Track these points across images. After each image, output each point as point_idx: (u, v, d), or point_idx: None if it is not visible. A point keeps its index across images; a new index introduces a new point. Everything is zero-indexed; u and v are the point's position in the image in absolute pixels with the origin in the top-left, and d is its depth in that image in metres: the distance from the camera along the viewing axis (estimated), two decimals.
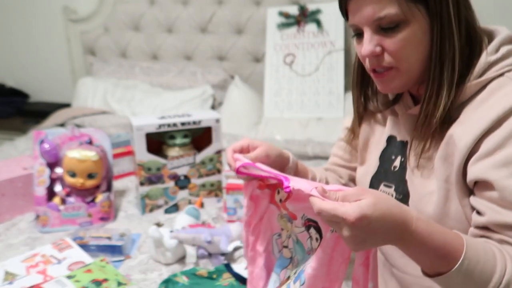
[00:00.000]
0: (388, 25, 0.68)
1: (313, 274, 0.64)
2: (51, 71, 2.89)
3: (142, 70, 2.54)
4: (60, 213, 1.30)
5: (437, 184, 0.70)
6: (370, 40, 0.70)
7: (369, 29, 0.70)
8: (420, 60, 0.70)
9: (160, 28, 2.55)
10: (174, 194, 1.41)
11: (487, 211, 0.64)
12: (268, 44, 2.30)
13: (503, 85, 0.66)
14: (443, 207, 0.70)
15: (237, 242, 1.15)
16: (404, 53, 0.69)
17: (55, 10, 2.70)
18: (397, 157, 0.81)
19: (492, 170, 0.63)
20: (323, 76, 2.22)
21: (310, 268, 0.65)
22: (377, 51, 0.70)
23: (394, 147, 0.82)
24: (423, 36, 0.68)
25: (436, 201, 0.70)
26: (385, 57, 0.70)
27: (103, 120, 2.15)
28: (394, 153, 0.82)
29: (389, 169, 0.82)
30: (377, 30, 0.69)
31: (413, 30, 0.67)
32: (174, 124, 1.36)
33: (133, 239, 1.24)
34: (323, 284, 0.65)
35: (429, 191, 0.72)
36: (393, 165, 0.81)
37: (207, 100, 2.34)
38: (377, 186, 0.83)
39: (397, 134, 0.82)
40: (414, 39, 0.68)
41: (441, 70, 0.68)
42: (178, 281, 1.01)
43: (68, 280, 0.99)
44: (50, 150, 1.32)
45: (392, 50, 0.69)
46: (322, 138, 2.00)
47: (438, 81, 0.69)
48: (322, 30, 2.24)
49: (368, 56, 0.71)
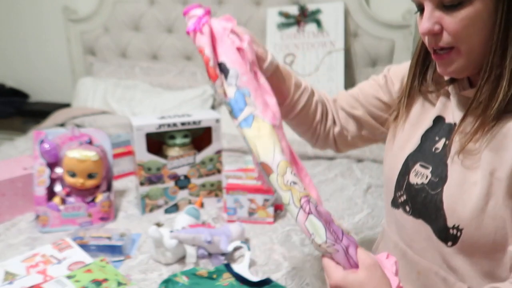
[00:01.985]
0: (450, 2, 0.64)
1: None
2: (51, 71, 2.89)
3: (142, 70, 2.54)
4: (60, 213, 1.30)
5: (482, 175, 0.66)
6: (430, 17, 0.66)
7: (430, 4, 0.66)
8: (482, 43, 0.65)
9: (160, 28, 2.55)
10: (174, 194, 1.41)
11: None
12: (268, 44, 2.30)
13: None
14: (483, 201, 0.66)
15: (237, 242, 1.15)
16: (464, 33, 0.64)
17: (55, 10, 2.70)
18: (441, 139, 0.76)
19: None
20: (323, 76, 2.22)
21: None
22: (436, 29, 0.66)
23: (440, 128, 0.78)
24: (488, 18, 0.63)
25: (478, 193, 0.66)
26: (444, 36, 0.66)
27: (103, 120, 2.15)
28: (439, 134, 0.77)
29: (429, 150, 0.78)
30: (439, 6, 0.65)
31: (477, 9, 0.63)
32: (174, 124, 1.36)
33: (133, 239, 1.24)
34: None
35: (472, 181, 0.68)
36: (435, 147, 0.77)
37: (207, 100, 2.34)
38: (412, 165, 0.80)
39: (446, 116, 0.78)
40: (477, 19, 0.63)
41: (502, 57, 0.64)
42: (178, 281, 1.01)
43: (68, 280, 0.99)
44: (50, 150, 1.32)
45: (451, 29, 0.65)
46: None
47: (499, 69, 0.64)
48: (322, 30, 2.24)
49: (426, 34, 0.68)
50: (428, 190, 0.74)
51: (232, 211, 1.33)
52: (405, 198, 0.79)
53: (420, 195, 0.75)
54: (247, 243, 1.15)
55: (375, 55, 2.29)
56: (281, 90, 0.88)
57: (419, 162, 0.78)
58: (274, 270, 1.08)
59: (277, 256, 1.15)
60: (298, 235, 1.24)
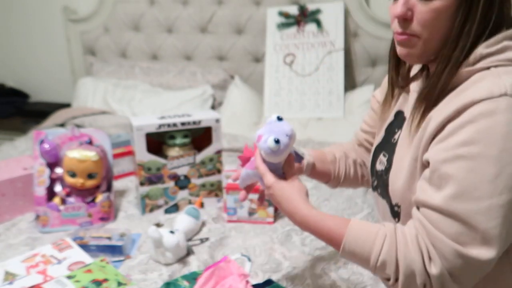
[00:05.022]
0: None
1: None
2: (51, 71, 2.89)
3: (142, 70, 2.54)
4: (60, 213, 1.30)
5: (408, 161, 0.75)
6: (405, 3, 0.71)
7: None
8: (442, 35, 0.71)
9: (160, 28, 2.55)
10: (174, 194, 1.41)
11: (418, 190, 0.71)
12: (268, 44, 2.30)
13: (483, 78, 0.67)
14: (408, 183, 0.75)
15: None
16: (431, 23, 0.70)
17: (55, 10, 2.70)
18: (399, 130, 0.84)
19: (436, 152, 0.67)
20: (323, 76, 2.22)
21: None
22: (408, 15, 0.71)
23: (399, 121, 0.85)
24: (452, 14, 0.69)
25: (404, 177, 0.76)
26: (413, 24, 0.71)
27: (103, 120, 2.15)
28: (397, 127, 0.85)
29: (390, 141, 0.86)
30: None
31: (447, 4, 0.68)
32: (174, 124, 1.36)
33: (133, 239, 1.24)
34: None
35: (404, 166, 0.76)
36: (394, 137, 0.85)
37: (207, 100, 2.34)
38: (378, 155, 0.90)
39: (404, 110, 0.85)
40: (445, 13, 0.69)
41: (453, 51, 0.70)
42: (180, 285, 1.01)
43: (68, 280, 0.99)
44: (50, 150, 1.32)
45: (421, 18, 0.70)
46: (322, 138, 2.00)
47: (446, 61, 0.70)
48: (322, 30, 2.24)
49: (398, 17, 0.72)
50: (383, 175, 0.85)
51: (232, 211, 1.33)
52: (376, 183, 0.90)
53: (381, 179, 0.86)
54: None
55: (375, 55, 2.29)
56: (323, 174, 1.01)
57: (383, 151, 0.88)
58: (274, 270, 1.08)
59: (278, 256, 1.15)
60: (298, 235, 1.24)
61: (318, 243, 1.19)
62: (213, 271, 0.95)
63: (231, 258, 0.99)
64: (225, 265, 0.96)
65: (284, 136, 0.77)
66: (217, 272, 0.95)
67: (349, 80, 2.27)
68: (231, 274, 0.94)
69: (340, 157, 1.02)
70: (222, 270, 0.95)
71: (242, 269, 0.96)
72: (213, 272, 0.95)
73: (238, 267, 0.96)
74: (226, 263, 0.96)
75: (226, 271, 0.95)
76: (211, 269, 0.95)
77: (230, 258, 0.99)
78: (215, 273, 0.95)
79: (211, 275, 0.94)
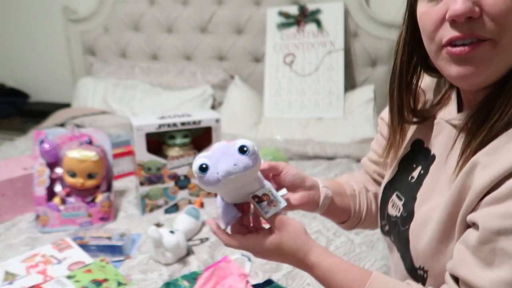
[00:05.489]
0: None
1: None
2: (51, 71, 2.89)
3: (142, 70, 2.54)
4: (60, 213, 1.30)
5: (440, 215, 0.57)
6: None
7: None
8: None
9: (160, 28, 2.55)
10: (174, 194, 1.41)
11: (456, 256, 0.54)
12: (268, 44, 2.30)
13: None
14: (440, 245, 0.57)
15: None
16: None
17: (55, 10, 2.69)
18: (418, 167, 0.66)
19: (489, 217, 0.49)
20: (323, 76, 2.22)
21: None
22: (476, 11, 0.49)
23: (418, 154, 0.67)
24: None
25: (433, 236, 0.57)
26: (483, 24, 0.49)
27: (103, 120, 2.15)
28: (416, 161, 0.67)
29: (406, 178, 0.68)
30: None
31: None
32: (174, 124, 1.36)
33: (133, 239, 1.24)
34: None
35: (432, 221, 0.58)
36: (411, 175, 0.67)
37: (207, 100, 2.34)
38: (390, 194, 0.71)
39: (425, 139, 0.66)
40: None
41: None
42: (180, 285, 1.01)
43: (68, 280, 0.99)
44: (50, 150, 1.32)
45: (495, 13, 0.48)
46: (322, 138, 2.00)
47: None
48: (322, 30, 2.24)
49: (459, 17, 0.49)
50: (399, 225, 0.67)
51: None
52: (388, 228, 0.72)
53: (395, 228, 0.68)
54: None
55: (375, 55, 2.29)
56: (341, 211, 0.80)
57: (396, 192, 0.70)
58: (274, 270, 1.08)
59: None
60: None
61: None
62: (213, 271, 0.95)
63: (231, 258, 0.99)
64: (225, 265, 0.96)
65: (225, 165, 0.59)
66: (217, 272, 0.95)
67: (349, 80, 2.27)
68: (231, 274, 0.94)
69: (360, 190, 0.82)
70: (222, 270, 0.95)
71: (242, 269, 0.96)
72: (213, 272, 0.95)
73: (238, 267, 0.96)
74: (226, 263, 0.96)
75: (226, 271, 0.95)
76: (211, 269, 0.95)
77: (230, 258, 0.99)
78: (215, 273, 0.95)
79: (211, 275, 0.95)
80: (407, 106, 0.65)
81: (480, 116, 0.53)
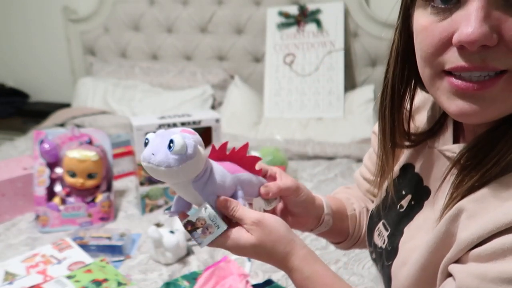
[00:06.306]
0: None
1: None
2: (51, 71, 2.89)
3: (142, 70, 2.54)
4: (60, 213, 1.30)
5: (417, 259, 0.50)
6: (485, 17, 0.39)
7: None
8: None
9: (160, 28, 2.55)
10: (174, 194, 1.41)
11: None
12: (268, 44, 2.30)
13: None
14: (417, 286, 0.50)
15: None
16: None
17: (55, 10, 2.69)
18: (408, 195, 0.58)
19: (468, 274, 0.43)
20: (323, 76, 2.22)
21: None
22: (494, 38, 0.39)
23: (408, 180, 0.59)
24: None
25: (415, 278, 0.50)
26: (502, 53, 0.40)
27: (103, 120, 2.15)
28: (406, 188, 0.59)
29: (394, 207, 0.60)
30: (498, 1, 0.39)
31: None
32: (174, 124, 1.36)
33: (133, 239, 1.24)
34: None
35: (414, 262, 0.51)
36: (400, 203, 0.59)
37: (207, 100, 2.34)
38: (376, 221, 0.63)
39: (415, 163, 0.59)
40: None
41: None
42: (180, 285, 1.01)
43: (68, 280, 0.99)
44: (50, 150, 1.32)
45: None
46: (322, 138, 2.00)
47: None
48: (322, 30, 2.24)
49: (470, 45, 0.39)
50: (384, 259, 0.59)
51: None
52: (374, 256, 0.64)
53: (380, 260, 0.61)
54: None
55: (375, 55, 2.29)
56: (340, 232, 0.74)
57: (383, 220, 0.62)
58: (274, 270, 1.08)
59: None
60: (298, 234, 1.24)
61: (318, 243, 1.19)
62: (213, 271, 0.95)
63: (231, 258, 0.99)
64: (225, 265, 0.96)
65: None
66: (217, 272, 0.95)
67: (349, 80, 2.27)
68: (231, 274, 0.94)
69: (361, 210, 0.75)
70: (222, 270, 0.95)
71: (242, 269, 0.96)
72: (213, 272, 0.95)
73: (238, 267, 0.96)
74: (226, 263, 0.96)
75: (226, 271, 0.95)
76: (211, 269, 0.95)
77: (230, 258, 0.99)
78: (215, 273, 0.95)
79: (211, 275, 0.95)
80: (400, 129, 0.56)
81: (477, 155, 0.46)
